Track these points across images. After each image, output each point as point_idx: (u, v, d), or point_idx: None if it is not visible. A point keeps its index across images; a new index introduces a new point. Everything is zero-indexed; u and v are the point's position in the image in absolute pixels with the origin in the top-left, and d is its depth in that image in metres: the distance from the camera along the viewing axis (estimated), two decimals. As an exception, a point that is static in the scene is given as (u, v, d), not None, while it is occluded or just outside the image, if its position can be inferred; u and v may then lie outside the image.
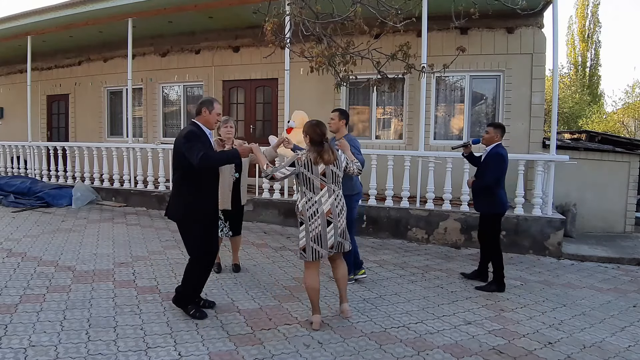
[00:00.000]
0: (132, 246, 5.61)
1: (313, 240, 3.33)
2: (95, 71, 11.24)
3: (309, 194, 3.36)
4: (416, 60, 4.55)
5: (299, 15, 3.86)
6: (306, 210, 3.35)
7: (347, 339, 3.25)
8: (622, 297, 4.55)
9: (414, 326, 3.54)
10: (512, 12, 4.92)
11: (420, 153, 6.65)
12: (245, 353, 2.96)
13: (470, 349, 3.17)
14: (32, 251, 5.17)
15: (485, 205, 4.57)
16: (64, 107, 12.00)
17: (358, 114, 9.01)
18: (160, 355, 2.88)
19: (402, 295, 4.26)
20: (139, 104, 10.85)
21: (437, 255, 5.85)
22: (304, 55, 4.19)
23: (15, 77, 12.61)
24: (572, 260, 5.91)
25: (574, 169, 7.32)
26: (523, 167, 6.22)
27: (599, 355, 3.20)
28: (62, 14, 8.40)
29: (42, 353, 2.82)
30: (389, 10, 3.97)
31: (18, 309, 3.47)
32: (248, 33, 8.97)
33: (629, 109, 21.28)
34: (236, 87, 9.77)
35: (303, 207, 3.36)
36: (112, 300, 3.78)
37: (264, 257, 5.37)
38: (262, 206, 7.35)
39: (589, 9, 23.64)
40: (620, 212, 7.92)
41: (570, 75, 24.00)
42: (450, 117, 8.46)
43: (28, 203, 8.16)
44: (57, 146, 9.51)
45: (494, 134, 4.48)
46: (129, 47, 8.45)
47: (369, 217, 6.73)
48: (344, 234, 3.46)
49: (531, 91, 7.71)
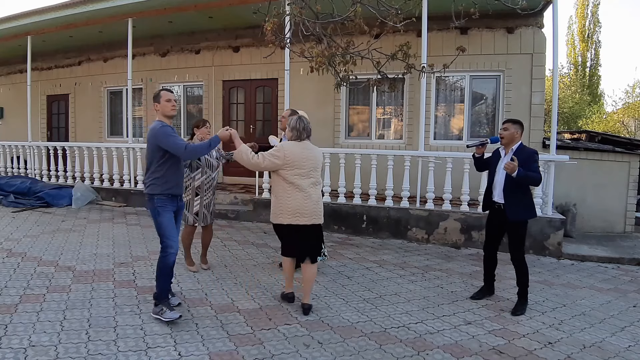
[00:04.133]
0: (132, 246, 5.61)
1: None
2: (95, 71, 11.24)
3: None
4: (416, 60, 4.56)
5: (299, 15, 3.87)
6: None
7: (347, 339, 3.25)
8: (622, 297, 4.54)
9: (414, 326, 3.54)
10: (512, 12, 4.93)
11: (420, 153, 6.65)
12: (245, 353, 2.96)
13: (470, 349, 3.17)
14: (32, 251, 5.17)
15: (522, 211, 3.94)
16: (64, 107, 12.00)
17: (358, 114, 9.01)
18: (160, 355, 2.88)
19: (402, 295, 4.26)
20: (139, 104, 10.85)
21: (437, 255, 5.85)
22: (304, 55, 4.20)
23: (15, 77, 12.61)
24: (572, 260, 5.91)
25: (574, 169, 7.32)
26: (523, 167, 6.21)
27: (599, 355, 3.20)
28: (62, 14, 8.40)
29: (42, 353, 2.82)
30: (389, 10, 3.97)
31: (18, 309, 3.47)
32: (248, 33, 8.98)
33: (629, 109, 21.27)
34: (236, 87, 9.77)
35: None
36: (112, 300, 3.78)
37: (264, 257, 5.36)
38: (262, 206, 7.35)
39: (589, 9, 23.66)
40: (620, 212, 7.92)
41: (570, 75, 24.01)
42: (450, 117, 8.46)
43: (28, 203, 8.16)
44: (57, 146, 9.51)
45: (514, 131, 3.96)
46: (129, 47, 8.45)
47: (369, 217, 6.73)
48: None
49: (531, 91, 7.71)
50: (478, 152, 4.30)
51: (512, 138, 3.98)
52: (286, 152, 3.58)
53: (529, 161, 3.84)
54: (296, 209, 3.58)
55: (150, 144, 3.50)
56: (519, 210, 3.93)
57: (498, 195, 4.04)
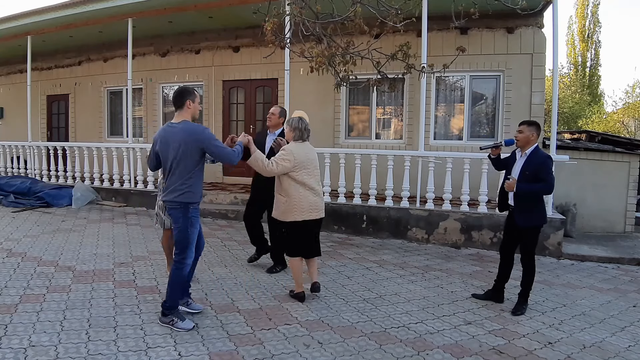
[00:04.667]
0: (132, 246, 5.61)
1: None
2: (95, 71, 11.24)
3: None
4: (416, 60, 4.55)
5: (299, 15, 3.87)
6: None
7: (347, 339, 3.25)
8: (622, 297, 4.54)
9: (414, 326, 3.54)
10: (512, 12, 4.93)
11: (420, 153, 6.65)
12: (245, 353, 2.96)
13: (470, 349, 3.17)
14: (32, 251, 5.17)
15: (532, 217, 3.87)
16: (64, 107, 12.00)
17: (358, 114, 9.01)
18: (160, 355, 2.88)
19: (402, 295, 4.26)
20: (139, 104, 10.85)
21: (437, 255, 5.85)
22: (304, 55, 4.20)
23: (15, 77, 12.61)
24: (572, 260, 5.91)
25: (574, 169, 7.32)
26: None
27: (599, 355, 3.20)
28: (62, 14, 8.40)
29: (42, 353, 2.82)
30: (389, 10, 3.97)
31: (18, 309, 3.47)
32: (248, 33, 8.97)
33: (629, 109, 21.28)
34: (236, 87, 9.77)
35: None
36: (112, 300, 3.78)
37: (264, 257, 5.36)
38: (262, 206, 7.34)
39: (589, 9, 23.68)
40: (620, 212, 7.93)
41: (570, 75, 24.02)
42: (450, 117, 8.46)
43: (28, 203, 8.16)
44: (57, 146, 9.51)
45: (529, 133, 3.85)
46: (129, 47, 8.45)
47: (369, 217, 6.73)
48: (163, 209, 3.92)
49: (531, 91, 7.71)
50: (493, 153, 4.22)
51: (528, 140, 3.88)
52: (295, 154, 3.79)
53: (540, 170, 3.77)
54: (309, 206, 3.86)
55: (191, 147, 3.22)
56: (529, 216, 3.86)
57: (511, 199, 4.00)
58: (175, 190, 3.28)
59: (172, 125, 3.32)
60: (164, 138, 3.31)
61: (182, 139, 3.21)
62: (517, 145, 3.97)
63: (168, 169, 3.31)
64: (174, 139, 3.24)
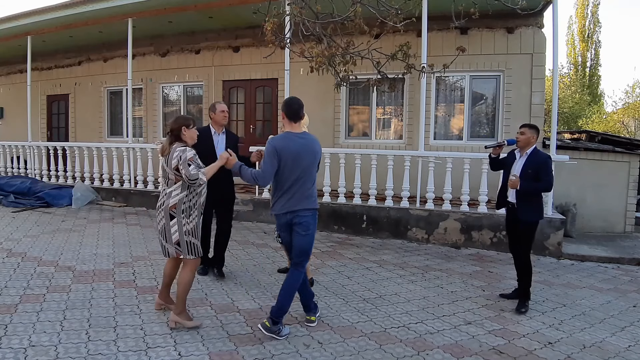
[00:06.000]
0: (132, 246, 5.61)
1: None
2: (95, 71, 11.24)
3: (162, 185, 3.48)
4: (416, 60, 4.55)
5: (299, 15, 3.87)
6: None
7: (347, 339, 3.25)
8: (622, 297, 4.54)
9: (414, 326, 3.54)
10: (512, 12, 4.92)
11: (420, 153, 6.65)
12: (245, 353, 2.96)
13: (470, 349, 3.17)
14: (32, 251, 5.17)
15: (533, 212, 4.06)
16: (64, 107, 12.00)
17: (358, 114, 9.01)
18: (160, 355, 2.88)
19: (402, 295, 4.26)
20: (139, 104, 10.85)
21: (437, 255, 5.85)
22: (304, 55, 4.20)
23: (15, 77, 12.61)
24: (572, 260, 5.91)
25: (574, 169, 7.32)
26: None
27: (599, 355, 3.20)
28: (62, 14, 8.40)
29: (42, 353, 2.82)
30: (389, 10, 3.97)
31: (18, 309, 3.47)
32: (248, 33, 8.98)
33: (629, 109, 21.28)
34: (236, 87, 9.77)
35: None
36: (112, 300, 3.78)
37: (264, 257, 5.37)
38: (262, 206, 7.35)
39: (589, 9, 23.68)
40: (620, 212, 7.93)
41: (570, 75, 24.02)
42: (450, 117, 8.46)
43: (28, 203, 8.16)
44: (57, 146, 9.51)
45: (530, 136, 4.11)
46: (129, 47, 8.45)
47: (369, 217, 6.73)
48: (163, 234, 3.33)
49: (531, 91, 7.71)
50: (494, 152, 4.41)
51: (528, 142, 4.12)
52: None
53: (541, 171, 3.99)
54: None
55: (318, 157, 3.41)
56: (529, 211, 4.05)
57: (511, 196, 4.17)
58: (309, 196, 3.31)
59: (299, 136, 3.31)
60: (294, 148, 3.23)
61: (318, 149, 3.37)
62: (518, 145, 4.19)
63: (296, 177, 3.24)
64: (308, 149, 3.29)
